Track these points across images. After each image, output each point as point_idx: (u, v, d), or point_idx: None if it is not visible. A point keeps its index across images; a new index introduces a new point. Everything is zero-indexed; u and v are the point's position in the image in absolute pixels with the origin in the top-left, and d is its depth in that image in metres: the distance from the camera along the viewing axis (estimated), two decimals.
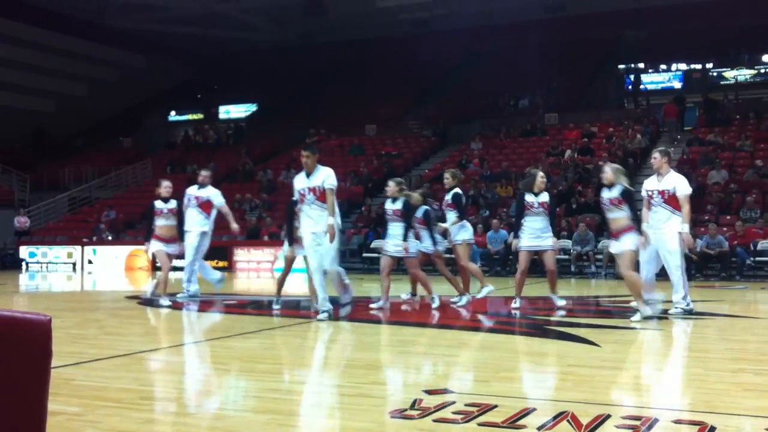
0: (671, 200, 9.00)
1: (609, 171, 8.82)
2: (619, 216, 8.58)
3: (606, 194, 8.71)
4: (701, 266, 17.36)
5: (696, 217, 19.22)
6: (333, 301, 9.18)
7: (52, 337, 1.96)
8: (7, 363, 1.92)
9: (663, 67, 33.79)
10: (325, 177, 8.61)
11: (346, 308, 9.57)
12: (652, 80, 33.45)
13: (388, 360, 6.60)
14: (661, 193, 9.08)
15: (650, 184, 9.38)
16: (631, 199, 8.68)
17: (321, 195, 8.58)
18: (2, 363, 1.91)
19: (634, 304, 8.69)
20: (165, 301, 10.68)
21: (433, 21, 33.77)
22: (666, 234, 8.98)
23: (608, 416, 4.08)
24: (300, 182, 8.79)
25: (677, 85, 32.57)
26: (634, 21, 33.15)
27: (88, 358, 6.14)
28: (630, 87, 32.94)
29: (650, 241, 8.97)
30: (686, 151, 23.79)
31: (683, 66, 33.36)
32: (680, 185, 9.00)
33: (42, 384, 1.95)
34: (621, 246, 8.54)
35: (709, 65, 33.12)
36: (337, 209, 8.71)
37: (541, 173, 10.07)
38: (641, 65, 34.03)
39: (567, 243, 19.02)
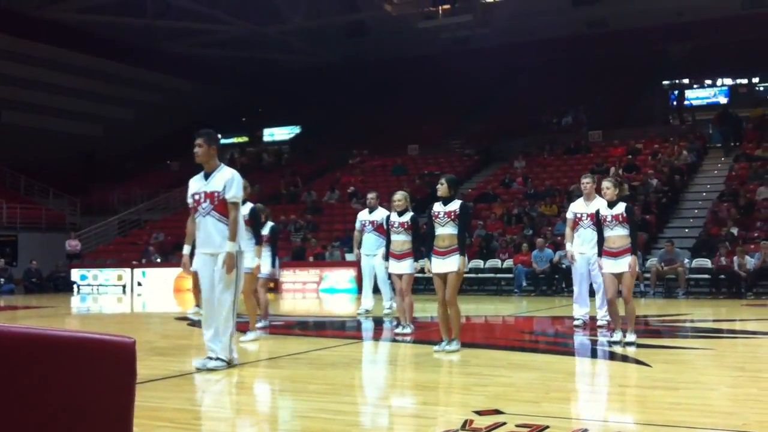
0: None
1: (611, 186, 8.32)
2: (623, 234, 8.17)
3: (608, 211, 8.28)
4: (752, 284, 17.04)
5: (745, 234, 18.92)
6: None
7: (136, 358, 2.05)
8: (96, 383, 2.01)
9: (708, 82, 33.38)
10: (227, 182, 6.59)
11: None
12: (697, 96, 33.05)
13: (437, 380, 6.62)
14: (591, 216, 9.54)
15: (579, 207, 9.99)
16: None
17: (220, 205, 6.57)
18: (92, 383, 2.01)
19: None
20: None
21: (474, 39, 33.85)
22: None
23: None
24: (195, 185, 6.76)
25: (723, 100, 32.14)
26: (677, 35, 32.83)
27: (142, 378, 6.26)
28: (675, 103, 32.58)
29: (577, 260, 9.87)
30: (734, 167, 23.45)
31: (729, 81, 32.93)
32: None
33: (128, 404, 2.04)
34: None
35: (756, 79, 32.65)
36: (242, 229, 6.79)
37: None
38: (686, 81, 33.67)
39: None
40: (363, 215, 11.82)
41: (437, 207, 7.76)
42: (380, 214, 11.48)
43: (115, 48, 34.57)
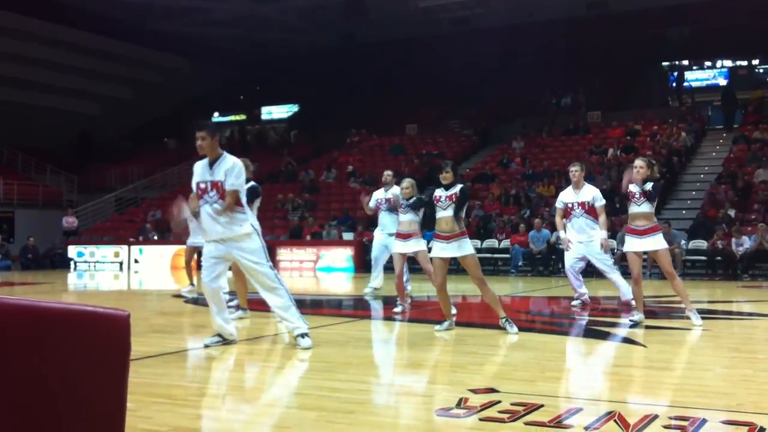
0: (591, 211, 9.75)
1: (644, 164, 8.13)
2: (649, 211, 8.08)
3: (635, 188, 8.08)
4: (748, 266, 17.08)
5: (743, 216, 18.94)
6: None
7: (130, 332, 2.04)
8: (90, 356, 2.00)
9: (708, 63, 33.27)
10: (227, 171, 6.57)
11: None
12: (696, 77, 32.96)
13: (434, 359, 6.63)
14: (581, 204, 9.77)
15: (568, 197, 9.98)
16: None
17: (224, 194, 6.60)
18: (85, 356, 2.00)
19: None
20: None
21: (474, 19, 33.68)
22: (595, 242, 9.78)
23: (656, 416, 4.07)
24: (201, 172, 6.74)
25: (722, 82, 32.06)
26: (677, 17, 32.68)
27: (138, 355, 6.26)
28: (674, 84, 32.50)
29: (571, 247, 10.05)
30: (732, 149, 23.43)
31: (728, 63, 32.82)
32: (598, 197, 9.71)
33: (122, 377, 2.03)
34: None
35: (755, 61, 32.55)
36: (247, 209, 6.84)
37: None
38: (685, 62, 33.56)
39: (612, 242, 18.83)
40: (379, 194, 11.64)
41: (439, 192, 7.69)
42: (395, 191, 11.31)
43: (112, 25, 34.30)
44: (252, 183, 8.74)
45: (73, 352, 2.00)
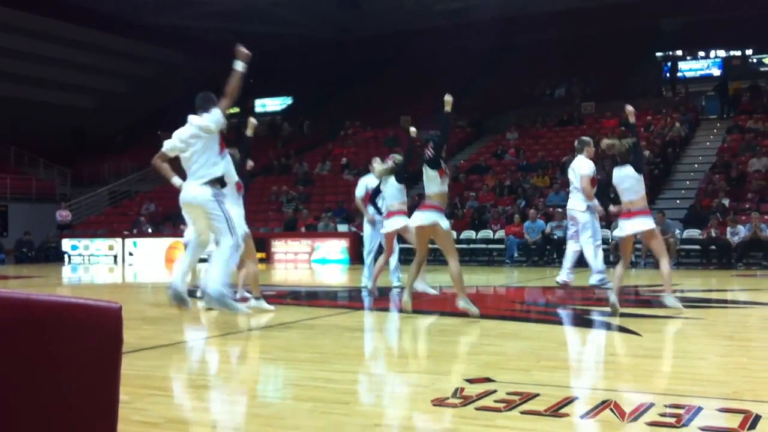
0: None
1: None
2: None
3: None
4: (742, 255, 17.11)
5: (737, 206, 18.98)
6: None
7: (123, 324, 2.03)
8: (82, 349, 1.99)
9: (701, 54, 33.27)
10: None
11: None
12: (690, 68, 32.95)
13: (429, 349, 6.63)
14: None
15: None
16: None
17: None
18: (77, 348, 1.98)
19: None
20: None
21: (468, 11, 33.60)
22: None
23: (651, 405, 4.07)
24: None
25: (716, 72, 32.07)
26: (671, 8, 32.68)
27: (133, 348, 6.24)
28: (668, 75, 32.50)
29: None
30: (726, 138, 23.45)
31: (722, 53, 32.83)
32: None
33: (114, 369, 2.02)
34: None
35: (749, 51, 32.55)
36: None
37: None
38: (679, 53, 33.55)
39: (606, 232, 18.84)
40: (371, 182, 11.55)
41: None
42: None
43: (105, 19, 34.16)
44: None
45: (64, 344, 1.98)
